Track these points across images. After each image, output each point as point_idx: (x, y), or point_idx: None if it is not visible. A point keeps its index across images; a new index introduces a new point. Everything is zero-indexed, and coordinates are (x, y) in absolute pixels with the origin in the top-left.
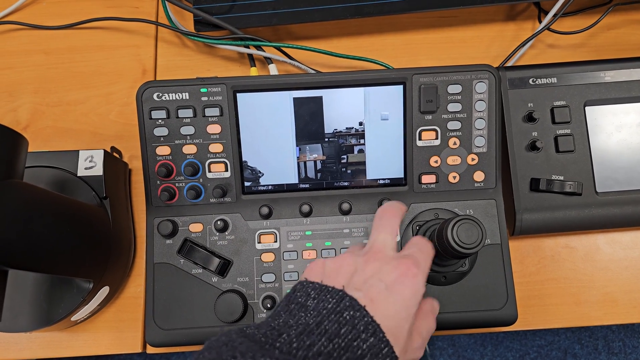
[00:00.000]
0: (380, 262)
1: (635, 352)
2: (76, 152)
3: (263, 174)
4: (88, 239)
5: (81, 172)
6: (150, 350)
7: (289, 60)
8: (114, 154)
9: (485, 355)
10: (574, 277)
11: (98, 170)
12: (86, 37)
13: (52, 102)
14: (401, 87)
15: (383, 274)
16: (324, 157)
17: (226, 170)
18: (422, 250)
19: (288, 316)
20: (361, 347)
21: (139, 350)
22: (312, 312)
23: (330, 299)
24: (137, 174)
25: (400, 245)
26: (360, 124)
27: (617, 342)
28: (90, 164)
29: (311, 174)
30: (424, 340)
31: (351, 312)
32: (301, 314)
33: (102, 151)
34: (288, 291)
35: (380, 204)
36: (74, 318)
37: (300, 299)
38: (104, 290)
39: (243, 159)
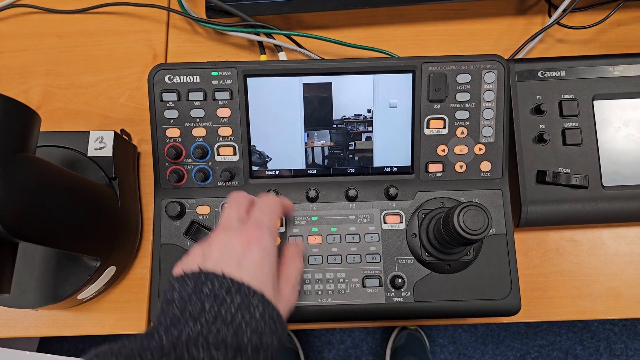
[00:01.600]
0: (224, 238)
1: (637, 355)
2: (87, 133)
3: (271, 159)
4: (97, 216)
5: (91, 152)
6: None
7: (298, 49)
8: (124, 136)
9: (486, 354)
10: (578, 271)
11: (108, 151)
12: (99, 22)
13: (64, 85)
14: (410, 75)
15: (230, 249)
16: (332, 144)
17: (234, 154)
18: (262, 209)
19: (161, 315)
20: (229, 310)
21: (143, 330)
22: (177, 302)
23: (189, 282)
24: (145, 157)
25: (406, 234)
26: (369, 111)
27: (619, 344)
28: (101, 144)
29: (318, 159)
30: (294, 284)
31: (209, 285)
32: (170, 309)
33: (113, 132)
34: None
35: (386, 191)
36: (80, 296)
37: (168, 296)
38: (111, 270)
39: (251, 143)
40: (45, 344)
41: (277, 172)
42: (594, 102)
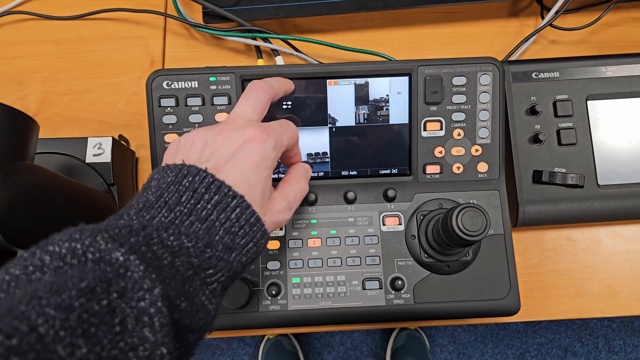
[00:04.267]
0: (230, 131)
1: (636, 351)
2: (85, 139)
3: None
4: (96, 224)
5: (89, 158)
6: None
7: (295, 53)
8: (122, 142)
9: (486, 353)
10: (576, 269)
11: (106, 157)
12: (96, 28)
13: (61, 91)
14: (407, 78)
15: (230, 141)
16: (330, 146)
17: None
18: (280, 122)
19: (134, 200)
20: (205, 207)
21: None
22: (153, 189)
23: (170, 173)
24: (144, 162)
25: (405, 236)
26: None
27: (618, 341)
28: (99, 150)
29: (317, 162)
30: (290, 203)
31: (190, 178)
32: (144, 194)
33: (111, 138)
34: None
35: (385, 193)
36: None
37: (145, 185)
38: None
39: None
40: None
41: (276, 176)
42: (588, 102)
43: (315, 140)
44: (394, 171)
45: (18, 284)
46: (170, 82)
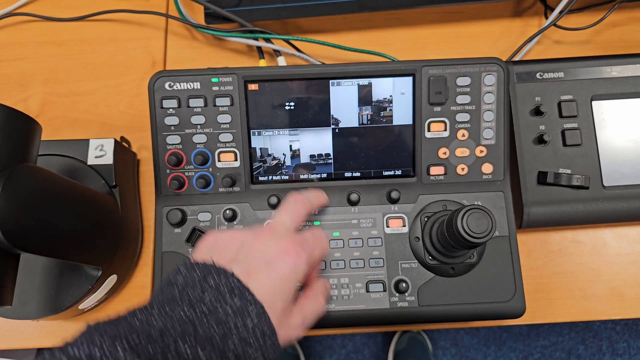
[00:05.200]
0: (268, 238)
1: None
2: (86, 141)
3: (272, 164)
4: (98, 225)
5: (91, 160)
6: None
7: (297, 53)
8: (123, 143)
9: (489, 355)
10: (581, 272)
11: (108, 159)
12: (97, 29)
13: (63, 93)
14: (410, 78)
15: (266, 249)
16: (333, 147)
17: (235, 159)
18: (315, 235)
19: (159, 293)
20: (226, 310)
21: None
22: (179, 285)
23: (198, 272)
24: (145, 164)
25: (409, 238)
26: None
27: (622, 343)
28: (101, 152)
29: (320, 163)
30: (306, 320)
31: (216, 279)
32: (170, 288)
33: (113, 140)
34: None
35: (388, 194)
36: (81, 306)
37: (171, 279)
38: (112, 279)
39: (252, 149)
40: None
41: (279, 177)
42: (593, 102)
43: (318, 142)
44: (398, 172)
45: None
46: (172, 83)
